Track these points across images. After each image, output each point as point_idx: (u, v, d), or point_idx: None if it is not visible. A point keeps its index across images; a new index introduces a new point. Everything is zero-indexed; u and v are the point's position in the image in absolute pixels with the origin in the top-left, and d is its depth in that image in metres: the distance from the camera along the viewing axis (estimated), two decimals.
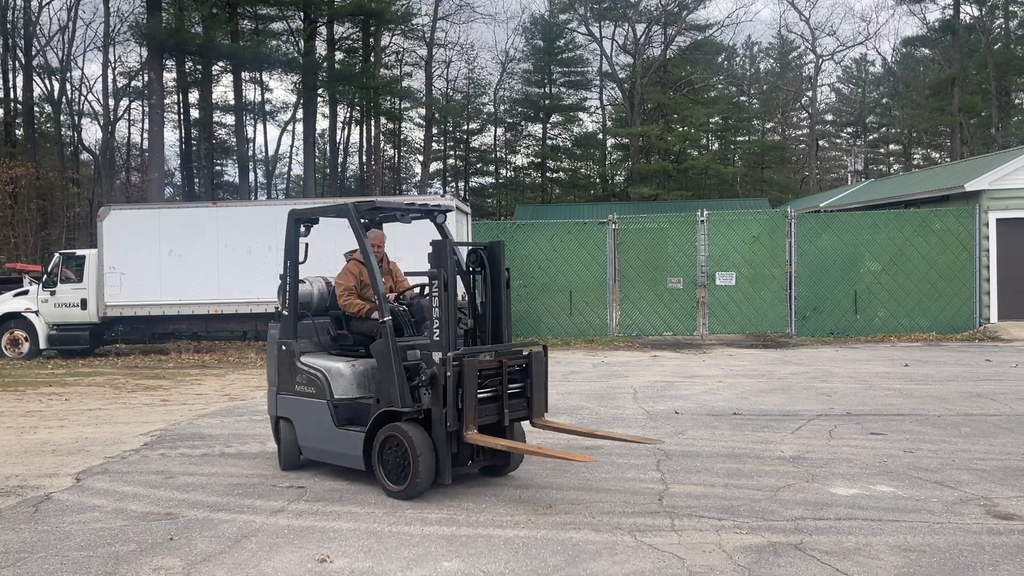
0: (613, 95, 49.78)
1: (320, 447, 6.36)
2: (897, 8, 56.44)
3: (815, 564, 4.39)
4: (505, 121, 51.15)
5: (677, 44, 45.26)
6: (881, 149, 57.12)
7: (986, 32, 41.49)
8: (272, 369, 6.74)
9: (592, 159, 51.70)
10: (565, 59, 49.07)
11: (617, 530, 5.00)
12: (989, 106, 40.67)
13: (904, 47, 49.34)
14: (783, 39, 53.53)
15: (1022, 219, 17.08)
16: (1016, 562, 4.37)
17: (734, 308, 17.03)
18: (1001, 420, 8.24)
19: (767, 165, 50.57)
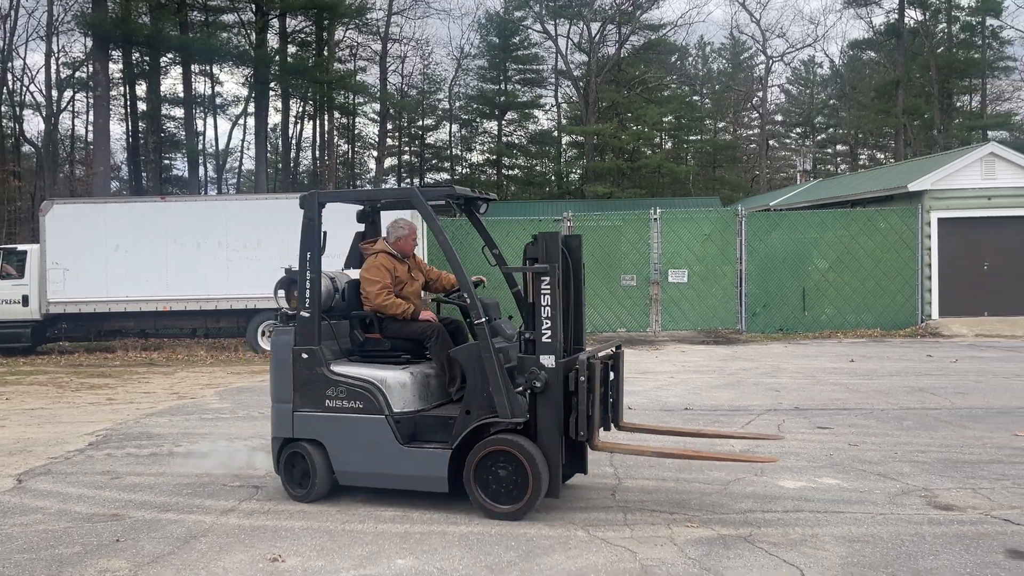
0: (568, 93, 50.04)
1: (372, 471, 5.44)
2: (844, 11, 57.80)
3: (763, 555, 4.48)
4: (460, 117, 51.03)
5: (631, 43, 45.66)
6: (829, 149, 58.36)
7: (929, 36, 42.66)
8: (284, 382, 5.63)
9: (547, 157, 51.89)
10: (520, 56, 49.12)
11: (571, 525, 5.04)
12: (932, 108, 41.83)
13: (851, 50, 50.48)
14: (735, 40, 54.39)
15: (962, 219, 17.62)
16: (954, 551, 4.52)
17: (686, 305, 17.26)
18: (941, 414, 8.50)
19: (719, 164, 51.31)
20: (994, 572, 4.20)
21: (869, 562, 4.36)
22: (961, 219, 17.63)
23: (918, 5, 42.42)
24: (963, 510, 5.24)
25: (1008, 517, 5.08)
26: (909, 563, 4.35)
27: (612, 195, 41.22)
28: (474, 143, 52.06)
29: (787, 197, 28.93)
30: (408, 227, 6.05)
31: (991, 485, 5.80)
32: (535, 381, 5.06)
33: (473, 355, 5.26)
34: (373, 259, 5.88)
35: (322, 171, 42.30)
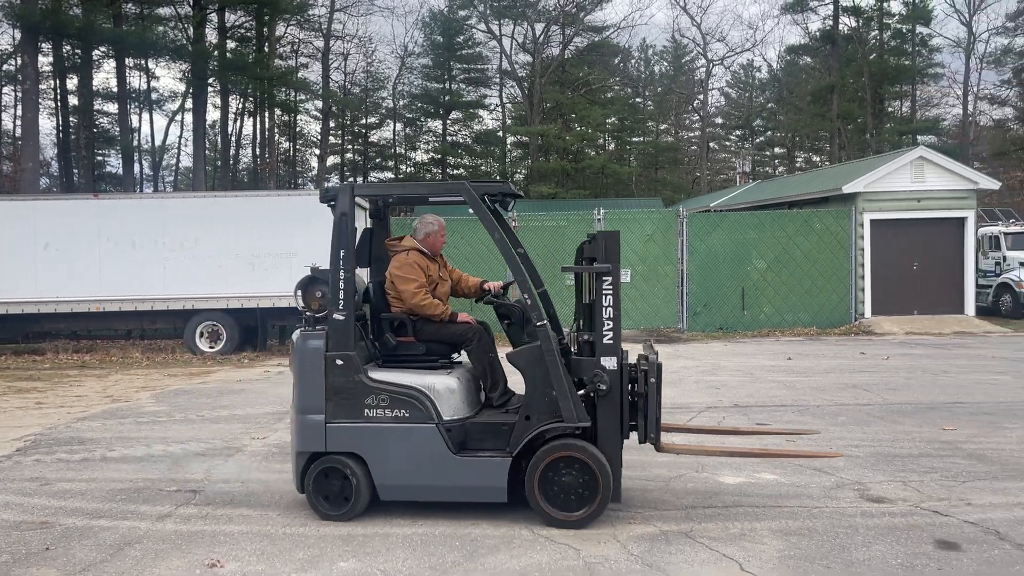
0: (513, 93, 50.11)
1: (421, 483, 5.10)
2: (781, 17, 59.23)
3: (703, 550, 4.56)
4: (405, 116, 50.69)
5: (575, 45, 45.94)
6: (767, 152, 59.63)
7: (862, 43, 43.94)
8: (313, 391, 5.17)
9: (492, 156, 51.88)
10: (465, 56, 49.02)
11: (515, 524, 5.05)
12: (865, 113, 43.08)
13: (788, 55, 51.64)
14: (676, 43, 55.16)
15: (893, 220, 18.21)
16: (886, 542, 4.66)
17: (629, 304, 17.45)
18: (874, 409, 8.76)
19: (661, 166, 52.00)
20: (923, 562, 4.35)
21: (805, 554, 4.47)
22: (892, 220, 18.22)
23: (852, 13, 43.67)
24: (894, 502, 5.42)
25: (937, 508, 5.26)
26: (843, 555, 4.47)
27: (556, 195, 41.41)
28: (418, 142, 51.77)
29: (727, 198, 29.49)
30: (438, 223, 5.74)
31: (920, 478, 6.01)
32: (600, 384, 4.93)
33: (534, 358, 5.02)
34: (404, 257, 5.52)
35: (263, 169, 41.56)
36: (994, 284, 20.54)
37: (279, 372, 12.89)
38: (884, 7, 43.84)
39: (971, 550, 4.51)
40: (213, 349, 14.97)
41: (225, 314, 14.93)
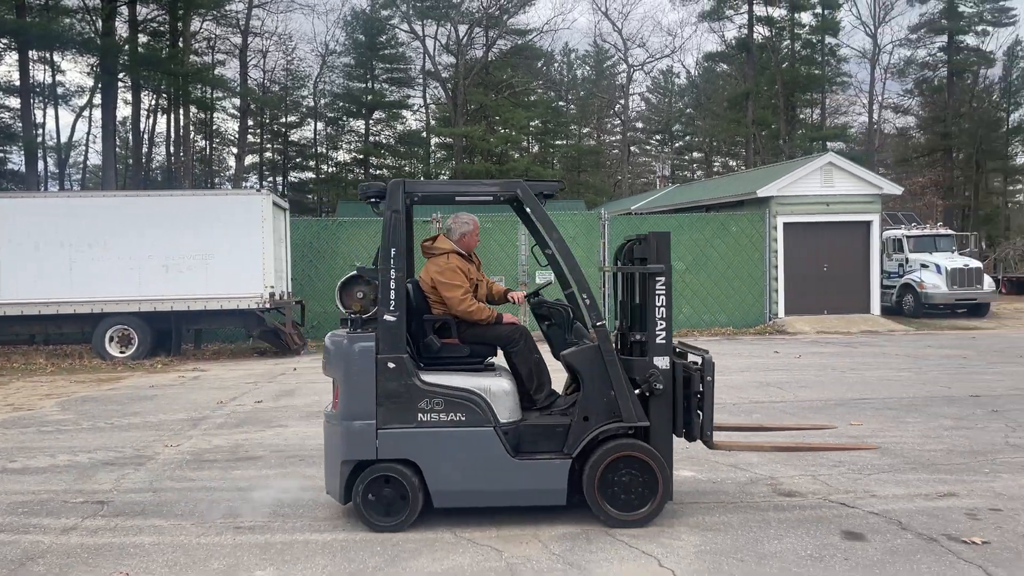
0: (436, 94, 49.94)
1: (478, 488, 4.96)
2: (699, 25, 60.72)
3: (623, 548, 4.63)
4: (326, 115, 49.89)
5: (499, 47, 46.09)
6: (686, 156, 61.06)
7: (776, 52, 45.46)
8: (362, 396, 4.93)
9: (416, 157, 51.57)
10: (388, 56, 48.58)
11: (437, 527, 5.02)
12: (778, 120, 44.59)
13: (706, 62, 53.03)
14: (598, 48, 55.96)
15: (804, 223, 18.90)
16: (797, 534, 4.83)
17: None
18: (786, 406, 9.06)
19: (583, 169, 52.65)
20: (831, 553, 4.52)
21: (720, 549, 4.60)
22: (804, 224, 18.90)
23: (765, 22, 45.14)
24: (804, 496, 5.61)
25: (844, 501, 5.48)
26: (755, 547, 4.61)
27: None
28: (340, 142, 51.04)
29: (648, 201, 30.06)
30: (473, 222, 5.60)
31: (829, 471, 6.24)
32: (656, 383, 4.96)
33: (590, 358, 5.01)
34: (445, 260, 5.36)
35: (177, 168, 40.25)
36: (897, 285, 21.54)
37: (195, 377, 12.52)
38: (795, 18, 45.48)
39: (875, 540, 4.72)
40: (124, 354, 14.42)
41: (137, 317, 14.38)
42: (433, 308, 5.39)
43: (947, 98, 44.54)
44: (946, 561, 4.37)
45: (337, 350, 5.10)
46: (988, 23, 44.81)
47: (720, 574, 4.24)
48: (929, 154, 46.48)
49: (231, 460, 6.96)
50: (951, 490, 5.69)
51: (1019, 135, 46.51)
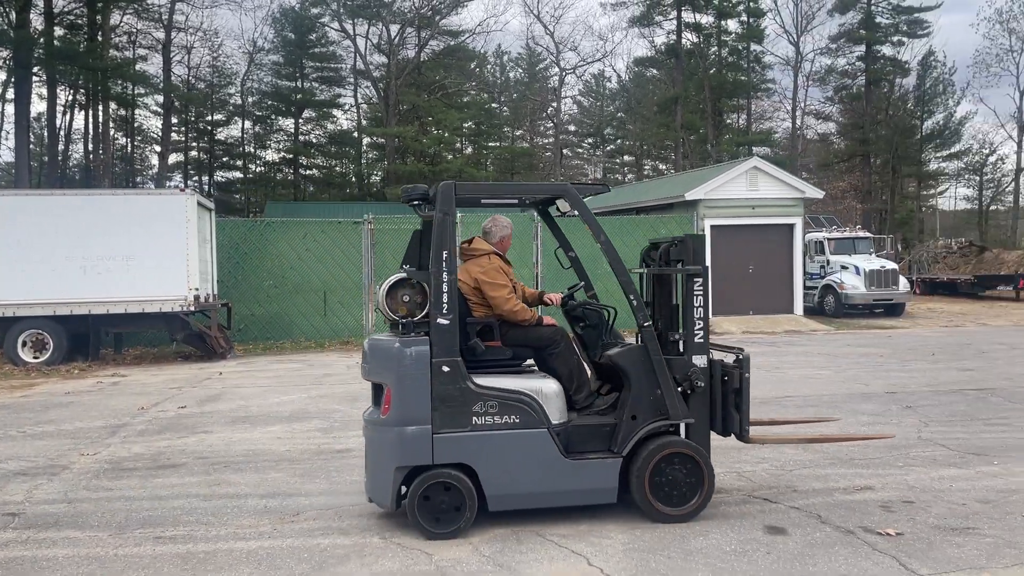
0: (368, 94, 49.43)
1: (533, 490, 4.95)
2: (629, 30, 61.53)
3: (553, 547, 4.65)
4: (254, 114, 48.86)
5: (431, 48, 45.91)
6: (617, 159, 61.94)
7: (703, 58, 46.50)
8: (417, 400, 4.83)
9: (348, 157, 50.95)
10: (318, 54, 47.88)
11: (367, 532, 4.97)
12: (706, 124, 45.60)
13: (636, 66, 53.89)
14: (530, 51, 56.29)
15: (731, 226, 19.37)
16: (722, 530, 4.93)
17: None
18: None
19: (517, 171, 52.84)
20: (754, 547, 4.63)
21: (647, 546, 4.66)
22: (730, 226, 19.37)
23: (693, 29, 46.13)
24: (730, 492, 5.74)
25: (767, 496, 5.62)
26: (682, 544, 4.69)
27: None
28: (269, 141, 50.06)
29: None
30: (510, 225, 5.67)
31: (753, 468, 6.40)
32: (698, 381, 5.12)
33: (637, 359, 5.11)
34: (487, 261, 5.35)
35: (96, 166, 38.82)
36: (819, 286, 22.25)
37: (114, 382, 12.08)
38: (722, 25, 46.60)
39: (796, 534, 4.85)
40: (38, 359, 13.81)
41: (52, 321, 13.80)
42: (473, 311, 5.34)
43: (865, 105, 46.23)
44: (862, 552, 4.53)
45: (388, 354, 4.96)
46: (903, 34, 46.72)
47: (647, 571, 4.30)
48: (849, 159, 48.18)
49: (152, 468, 6.74)
50: (867, 484, 5.89)
51: (932, 142, 48.62)
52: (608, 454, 5.04)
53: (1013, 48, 48.49)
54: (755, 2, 45.71)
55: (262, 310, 16.79)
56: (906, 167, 46.91)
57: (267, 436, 7.94)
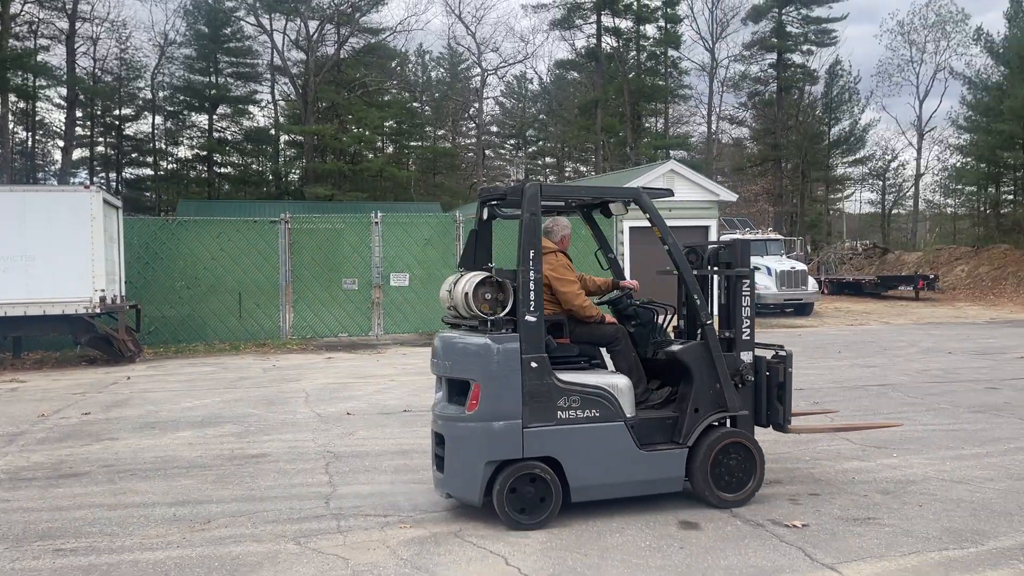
0: (286, 91, 48.41)
1: (610, 481, 5.15)
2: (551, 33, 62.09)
3: (471, 548, 4.65)
4: (165, 109, 47.25)
5: (351, 45, 45.30)
6: (539, 161, 62.41)
7: (623, 62, 47.31)
8: (508, 395, 4.92)
9: (265, 155, 49.79)
10: (233, 49, 46.64)
11: (281, 538, 4.86)
12: (625, 128, 46.41)
13: (557, 69, 54.43)
14: (452, 51, 56.18)
15: (648, 227, 19.72)
16: (637, 526, 5.01)
17: (408, 308, 17.47)
18: None
19: (439, 171, 52.69)
20: (668, 543, 4.73)
21: (565, 544, 4.70)
22: (648, 227, 19.72)
23: (613, 33, 46.89)
24: None
25: (682, 493, 5.73)
26: (599, 541, 4.75)
27: (333, 197, 40.65)
28: (181, 137, 48.49)
29: None
30: (569, 225, 5.92)
31: None
32: (748, 375, 5.50)
33: (699, 354, 5.37)
34: (555, 258, 5.54)
35: None
36: None
37: (12, 389, 11.49)
38: (641, 30, 47.51)
39: (709, 528, 4.98)
40: None
41: None
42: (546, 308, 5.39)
43: (777, 112, 47.88)
44: (770, 544, 4.68)
45: (477, 352, 5.03)
46: (812, 43, 48.60)
47: (565, 569, 4.34)
48: (761, 163, 49.82)
49: (52, 478, 6.43)
50: (776, 478, 6.09)
51: (839, 148, 50.71)
52: (675, 445, 5.31)
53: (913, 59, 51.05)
54: (672, 8, 46.80)
55: (174, 312, 16.24)
56: (815, 172, 48.81)
57: (177, 442, 7.68)
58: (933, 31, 49.64)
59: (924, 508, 5.35)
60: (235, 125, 48.84)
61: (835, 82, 49.93)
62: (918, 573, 4.26)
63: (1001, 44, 39.10)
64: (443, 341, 5.34)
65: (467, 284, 5.15)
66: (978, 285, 31.50)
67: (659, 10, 46.40)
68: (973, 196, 44.33)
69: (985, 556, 4.49)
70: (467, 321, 5.26)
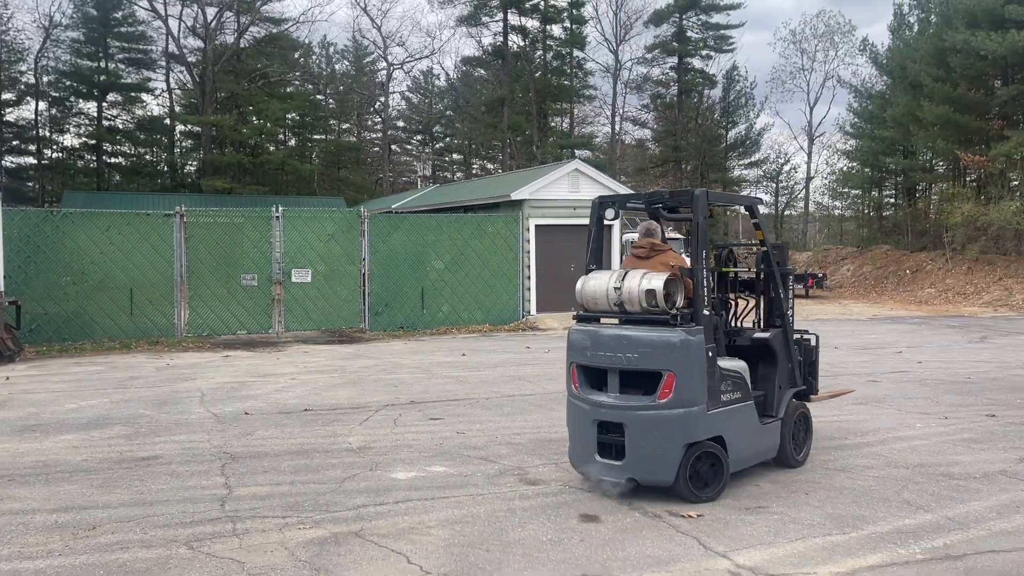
0: (182, 79, 46.62)
1: (747, 454, 5.88)
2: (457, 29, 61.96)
3: (372, 547, 4.59)
4: (50, 95, 44.71)
5: (252, 34, 43.97)
6: (446, 157, 62.22)
7: (529, 61, 47.65)
8: (697, 384, 5.37)
9: (159, 146, 47.81)
10: (125, 34, 44.57)
11: (172, 543, 4.68)
12: (532, 126, 46.79)
13: (464, 65, 54.35)
14: (357, 44, 55.32)
15: (554, 226, 19.97)
16: (539, 521, 5.08)
17: (310, 305, 17.10)
18: (536, 399, 9.52)
19: (343, 165, 51.80)
20: (569, 535, 4.80)
21: (468, 541, 4.71)
22: (553, 226, 19.98)
23: (519, 32, 47.16)
24: (548, 483, 5.92)
25: (582, 486, 5.84)
26: (501, 536, 4.78)
27: (232, 190, 39.39)
28: (68, 124, 46.01)
29: (408, 200, 30.21)
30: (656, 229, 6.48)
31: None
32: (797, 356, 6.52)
33: (782, 340, 6.28)
34: (675, 254, 6.10)
35: None
36: None
37: None
38: (547, 30, 47.96)
39: (608, 520, 5.08)
40: None
41: None
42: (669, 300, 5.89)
43: (677, 114, 49.24)
44: (667, 535, 4.82)
45: (670, 344, 5.38)
46: (711, 48, 50.17)
47: (466, 565, 4.35)
48: (662, 164, 51.12)
49: None
50: None
51: (735, 151, 52.57)
52: (773, 419, 6.11)
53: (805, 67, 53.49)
54: (578, 10, 47.42)
55: (58, 309, 15.37)
56: (713, 173, 50.41)
57: (60, 445, 7.29)
58: (823, 41, 52.20)
59: (810, 496, 5.61)
60: (127, 113, 46.73)
61: (732, 87, 51.73)
62: (803, 558, 4.47)
63: (885, 55, 41.39)
64: (615, 335, 5.58)
65: (649, 281, 5.47)
66: (862, 283, 33.27)
67: (565, 11, 46.94)
68: (858, 199, 46.78)
69: (865, 540, 4.74)
70: (637, 315, 5.56)
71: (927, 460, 6.61)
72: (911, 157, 37.86)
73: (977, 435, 7.55)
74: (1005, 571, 4.29)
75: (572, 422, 5.85)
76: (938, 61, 32.23)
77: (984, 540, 4.73)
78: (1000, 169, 30.26)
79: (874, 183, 42.99)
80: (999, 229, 28.82)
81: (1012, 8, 28.02)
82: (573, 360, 5.82)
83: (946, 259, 30.91)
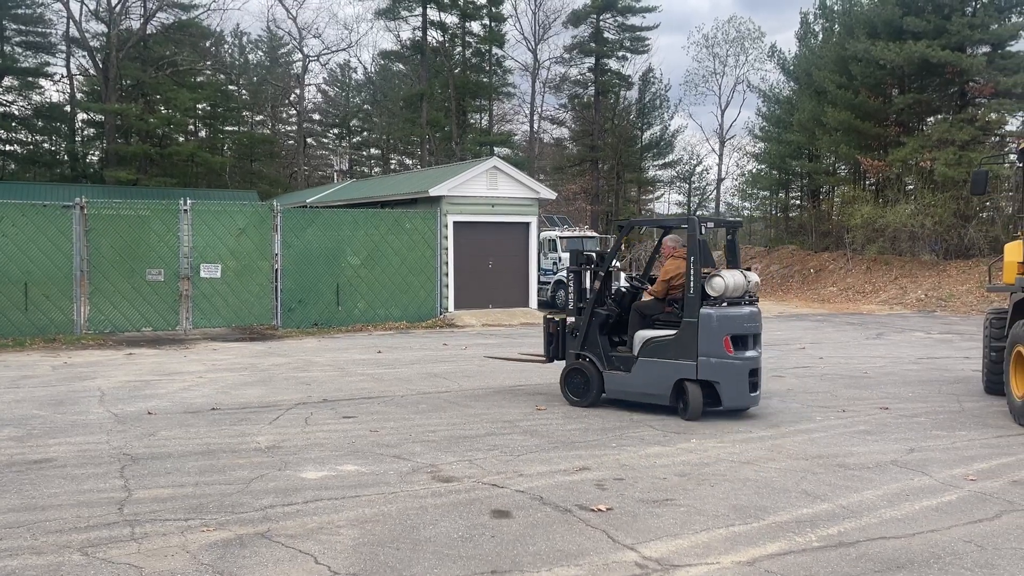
0: (84, 64, 44.54)
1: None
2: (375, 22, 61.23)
3: (279, 549, 4.49)
4: None
5: (159, 20, 42.35)
6: (364, 152, 61.35)
7: (448, 57, 47.44)
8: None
9: (59, 134, 45.57)
10: (21, 16, 42.27)
11: (65, 549, 4.47)
12: (451, 123, 46.60)
13: (382, 59, 53.70)
14: (272, 34, 53.99)
15: (472, 223, 19.96)
16: (451, 518, 5.07)
17: (220, 301, 16.61)
18: (451, 396, 9.49)
19: (256, 158, 50.51)
20: (480, 532, 4.81)
21: (378, 540, 4.66)
22: (472, 223, 19.96)
23: (439, 27, 46.89)
24: (461, 480, 5.91)
25: (495, 482, 5.86)
26: (412, 534, 4.75)
27: (138, 182, 37.88)
28: None
29: (324, 195, 29.66)
30: None
31: (484, 455, 6.65)
32: None
33: None
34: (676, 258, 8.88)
35: None
36: (552, 281, 23.68)
37: None
38: (467, 26, 47.85)
39: (519, 516, 5.11)
40: None
41: None
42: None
43: (595, 114, 49.85)
44: (577, 529, 4.88)
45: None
46: (627, 50, 50.97)
47: (376, 564, 4.30)
48: (580, 164, 51.69)
49: None
50: (585, 464, 6.36)
51: (650, 151, 53.62)
52: None
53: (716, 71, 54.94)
54: (497, 7, 47.45)
55: None
56: (629, 173, 51.31)
57: None
58: (734, 46, 53.72)
59: (715, 488, 5.78)
60: (23, 99, 44.36)
61: (648, 88, 52.71)
62: (708, 548, 4.60)
63: (792, 62, 42.93)
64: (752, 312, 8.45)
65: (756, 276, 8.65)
66: (770, 282, 34.47)
67: (484, 8, 46.91)
68: (766, 200, 48.42)
69: (766, 530, 4.91)
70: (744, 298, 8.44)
71: (825, 452, 6.89)
72: (816, 160, 39.44)
73: (871, 427, 7.92)
74: (894, 557, 4.51)
75: None
76: (841, 69, 33.65)
77: (875, 527, 4.97)
78: (897, 173, 31.82)
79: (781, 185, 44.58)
80: (895, 231, 30.34)
81: (910, 20, 29.49)
82: (727, 332, 8.09)
83: (847, 259, 32.34)
